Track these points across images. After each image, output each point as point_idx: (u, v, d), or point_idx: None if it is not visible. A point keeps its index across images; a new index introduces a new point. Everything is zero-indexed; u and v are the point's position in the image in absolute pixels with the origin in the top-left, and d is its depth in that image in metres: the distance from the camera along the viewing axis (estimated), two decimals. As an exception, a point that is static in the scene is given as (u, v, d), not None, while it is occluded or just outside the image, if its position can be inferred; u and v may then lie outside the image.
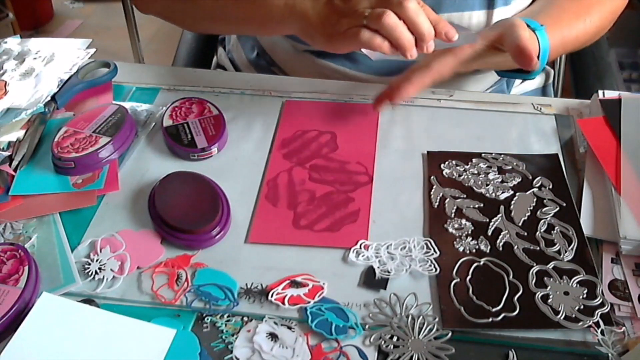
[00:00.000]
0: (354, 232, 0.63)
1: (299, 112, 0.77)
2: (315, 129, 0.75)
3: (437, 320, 0.55)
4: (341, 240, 0.62)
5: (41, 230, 0.64)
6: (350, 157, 0.71)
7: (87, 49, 0.85)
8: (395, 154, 0.72)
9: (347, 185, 0.68)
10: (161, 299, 0.57)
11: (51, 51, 0.85)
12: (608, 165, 0.66)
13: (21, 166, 0.70)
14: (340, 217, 0.64)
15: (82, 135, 0.71)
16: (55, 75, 0.80)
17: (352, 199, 0.66)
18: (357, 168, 0.70)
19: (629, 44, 1.68)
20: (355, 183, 0.68)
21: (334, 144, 0.73)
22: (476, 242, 0.61)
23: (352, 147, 0.73)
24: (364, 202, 0.66)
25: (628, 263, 0.59)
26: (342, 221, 0.64)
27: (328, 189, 0.67)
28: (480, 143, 0.73)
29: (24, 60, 0.84)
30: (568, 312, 0.55)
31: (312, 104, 0.79)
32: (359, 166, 0.70)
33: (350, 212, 0.65)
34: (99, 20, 2.74)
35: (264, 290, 0.57)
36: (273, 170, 0.70)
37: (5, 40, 0.89)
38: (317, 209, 0.65)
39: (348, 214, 0.65)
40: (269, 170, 0.70)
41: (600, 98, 0.74)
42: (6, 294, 0.55)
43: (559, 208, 0.64)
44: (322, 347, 0.53)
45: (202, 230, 0.61)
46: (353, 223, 0.64)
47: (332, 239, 0.62)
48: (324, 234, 0.63)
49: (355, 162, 0.70)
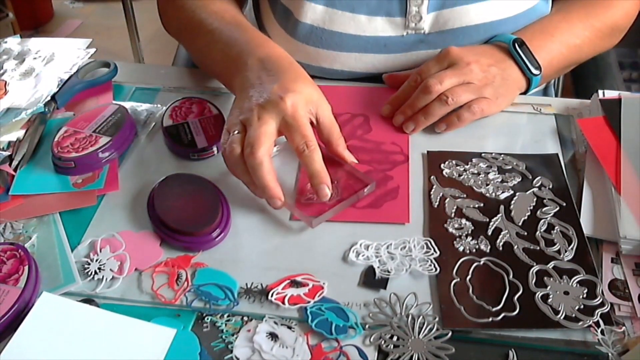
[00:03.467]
0: (396, 208, 0.64)
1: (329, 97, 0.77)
2: (347, 112, 0.76)
3: (437, 320, 0.55)
4: (385, 216, 0.64)
5: (41, 230, 0.64)
6: (385, 138, 0.73)
7: (87, 49, 0.85)
8: (395, 153, 0.72)
9: (385, 164, 0.69)
10: (161, 299, 0.57)
11: (51, 51, 0.85)
12: (608, 165, 0.66)
13: (21, 166, 0.70)
14: (381, 194, 0.66)
15: (82, 135, 0.71)
16: (55, 75, 0.80)
17: (390, 177, 0.68)
18: (393, 148, 0.71)
19: (629, 44, 1.68)
20: (393, 162, 0.70)
21: (367, 125, 0.75)
22: (476, 242, 0.61)
23: (386, 128, 0.74)
24: (403, 180, 0.67)
25: (628, 263, 0.59)
26: (384, 198, 0.65)
27: (366, 168, 0.69)
28: (480, 143, 0.73)
29: (24, 60, 0.85)
30: (568, 311, 0.55)
31: (342, 88, 0.80)
32: (394, 146, 0.71)
33: (390, 190, 0.66)
34: (99, 20, 2.75)
35: (264, 290, 0.57)
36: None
37: (5, 40, 0.89)
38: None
39: (388, 191, 0.66)
40: None
41: (600, 98, 0.74)
42: (6, 293, 0.55)
43: (559, 208, 0.64)
44: (322, 346, 0.53)
45: (202, 232, 0.61)
46: (394, 200, 0.65)
47: (375, 215, 0.64)
48: (367, 210, 0.64)
49: (390, 143, 0.72)
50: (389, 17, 0.78)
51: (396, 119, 0.74)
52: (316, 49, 0.81)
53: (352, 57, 0.81)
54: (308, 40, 0.81)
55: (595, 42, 0.81)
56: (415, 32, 0.79)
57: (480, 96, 0.72)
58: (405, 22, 0.78)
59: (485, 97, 0.72)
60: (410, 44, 0.80)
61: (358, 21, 0.78)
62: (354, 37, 0.79)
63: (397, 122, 0.74)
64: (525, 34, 0.76)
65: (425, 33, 0.79)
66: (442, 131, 0.73)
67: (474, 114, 0.71)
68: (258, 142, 0.60)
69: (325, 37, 0.80)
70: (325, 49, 0.80)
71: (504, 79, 0.73)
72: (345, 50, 0.80)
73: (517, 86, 0.75)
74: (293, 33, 0.81)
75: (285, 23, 0.82)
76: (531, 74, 0.74)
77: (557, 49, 0.77)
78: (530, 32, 0.77)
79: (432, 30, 0.79)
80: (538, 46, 0.75)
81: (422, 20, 0.78)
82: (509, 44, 0.75)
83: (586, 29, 0.79)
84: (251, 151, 0.59)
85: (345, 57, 0.81)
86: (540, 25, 0.79)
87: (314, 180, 0.61)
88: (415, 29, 0.79)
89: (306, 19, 0.79)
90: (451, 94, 0.70)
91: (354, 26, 0.78)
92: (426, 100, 0.71)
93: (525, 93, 0.77)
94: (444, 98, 0.70)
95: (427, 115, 0.72)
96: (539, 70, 0.74)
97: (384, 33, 0.79)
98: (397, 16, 0.78)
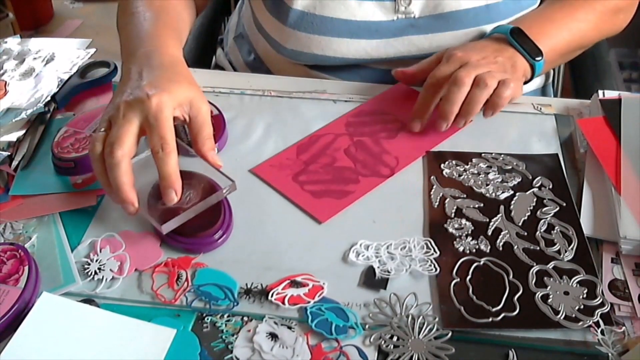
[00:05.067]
0: (329, 208, 0.64)
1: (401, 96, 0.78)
2: (394, 113, 0.76)
3: (437, 320, 0.55)
4: (314, 209, 0.64)
5: (41, 230, 0.64)
6: (395, 150, 0.71)
7: (87, 49, 0.85)
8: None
9: (366, 170, 0.69)
10: (161, 299, 0.57)
11: (51, 51, 0.85)
12: (608, 165, 0.66)
13: (21, 166, 0.70)
14: (333, 190, 0.66)
15: (82, 135, 0.71)
16: (55, 75, 0.80)
17: (357, 181, 0.67)
18: (390, 161, 0.70)
19: (629, 44, 1.68)
20: (375, 172, 0.69)
21: (395, 132, 0.74)
22: (476, 242, 0.61)
23: (406, 143, 0.72)
24: (361, 191, 0.66)
25: (628, 263, 0.59)
26: (330, 194, 0.66)
27: (348, 164, 0.69)
28: (480, 143, 0.73)
29: (24, 60, 0.85)
30: (568, 312, 0.55)
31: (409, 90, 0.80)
32: (392, 160, 0.70)
33: (343, 191, 0.66)
34: (99, 20, 2.74)
35: (264, 290, 0.57)
36: (328, 128, 0.74)
37: (5, 40, 0.89)
38: (324, 174, 0.67)
39: (339, 191, 0.66)
40: (326, 127, 0.74)
41: (600, 98, 0.74)
42: (6, 294, 0.55)
43: (559, 208, 0.64)
44: (322, 346, 0.53)
45: (204, 234, 0.61)
46: (336, 200, 0.65)
47: (308, 204, 0.64)
48: (307, 195, 0.65)
49: (394, 156, 0.71)
50: (378, 0, 0.78)
51: (439, 124, 0.71)
52: (307, 35, 0.81)
53: (344, 42, 0.81)
54: (299, 26, 0.81)
55: (599, 25, 0.80)
56: (405, 17, 0.79)
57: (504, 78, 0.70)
58: (395, 5, 0.78)
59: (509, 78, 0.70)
60: (402, 29, 0.80)
61: (348, 6, 0.78)
62: (345, 22, 0.79)
63: (442, 128, 0.71)
64: (524, 23, 0.76)
65: (415, 17, 0.79)
66: (489, 117, 0.70)
67: (509, 87, 0.69)
68: (118, 141, 0.58)
69: (316, 23, 0.80)
70: (316, 35, 0.80)
71: (512, 65, 0.73)
72: (337, 35, 0.80)
73: (523, 72, 0.75)
74: (284, 20, 0.81)
75: (276, 11, 0.83)
76: (533, 60, 0.74)
77: (559, 34, 0.77)
78: (529, 20, 0.77)
79: (423, 15, 0.79)
80: (538, 32, 0.75)
81: (412, 3, 0.78)
82: (507, 34, 0.75)
83: (588, 12, 0.79)
84: (110, 150, 0.58)
85: (337, 43, 0.81)
86: (540, 13, 0.80)
87: (163, 182, 0.58)
88: (405, 12, 0.79)
89: (297, 5, 0.79)
90: (484, 77, 0.69)
91: (344, 11, 0.79)
92: (462, 92, 0.69)
93: (530, 79, 0.76)
94: (481, 82, 0.68)
95: (472, 105, 0.69)
96: (540, 56, 0.74)
97: (375, 17, 0.79)
98: (387, 0, 0.78)
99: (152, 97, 0.60)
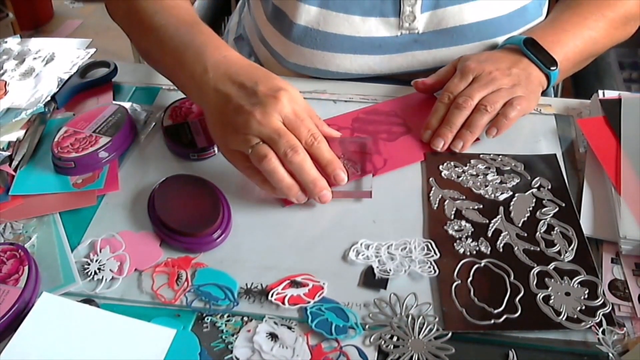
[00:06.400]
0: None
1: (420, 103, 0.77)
2: (404, 118, 0.75)
3: (437, 320, 0.55)
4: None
5: (41, 230, 0.64)
6: (387, 153, 0.71)
7: (87, 49, 0.85)
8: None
9: (350, 163, 0.68)
10: (161, 299, 0.57)
11: (51, 51, 0.85)
12: (608, 165, 0.66)
13: (21, 166, 0.70)
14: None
15: (82, 135, 0.71)
16: (55, 75, 0.80)
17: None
18: (378, 162, 0.70)
19: (629, 44, 1.68)
20: (353, 168, 0.68)
21: (397, 136, 0.73)
22: (476, 244, 0.61)
23: (402, 148, 0.72)
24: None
25: (628, 263, 0.59)
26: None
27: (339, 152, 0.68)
28: (479, 144, 0.73)
29: (24, 60, 0.85)
30: (570, 312, 0.55)
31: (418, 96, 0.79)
32: (380, 162, 0.70)
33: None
34: (99, 20, 2.74)
35: (264, 290, 0.57)
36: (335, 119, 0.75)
37: (5, 40, 0.89)
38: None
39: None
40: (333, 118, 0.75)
41: (600, 98, 0.74)
42: (6, 293, 0.55)
43: (559, 208, 0.64)
44: (322, 347, 0.53)
45: (203, 233, 0.61)
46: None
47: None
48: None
49: (384, 158, 0.70)
50: (382, 17, 0.78)
51: (435, 142, 0.71)
52: (311, 51, 0.81)
53: (347, 58, 0.81)
54: (303, 41, 0.81)
55: (611, 33, 0.80)
56: (409, 32, 0.79)
57: (514, 95, 0.71)
58: (399, 22, 0.78)
59: (520, 95, 0.71)
60: (405, 44, 0.80)
61: (352, 22, 0.78)
62: (349, 38, 0.79)
63: (437, 145, 0.70)
64: (537, 33, 0.76)
65: (419, 33, 0.79)
66: (494, 136, 0.70)
67: (516, 108, 0.70)
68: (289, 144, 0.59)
69: (319, 39, 0.80)
70: (320, 50, 0.80)
71: (527, 77, 0.73)
72: (340, 51, 0.80)
73: (539, 83, 0.74)
74: (287, 35, 0.81)
75: (279, 25, 0.82)
76: (548, 70, 0.74)
77: (572, 43, 0.77)
78: (542, 30, 0.77)
79: (426, 30, 0.79)
80: (552, 42, 0.75)
81: (416, 20, 0.78)
82: (520, 45, 0.74)
83: (599, 20, 0.79)
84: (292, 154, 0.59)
85: (340, 58, 0.81)
86: (552, 22, 0.79)
87: (329, 168, 0.62)
88: (409, 29, 0.79)
89: (300, 21, 0.79)
90: (487, 102, 0.69)
91: (348, 27, 0.79)
92: (462, 116, 0.70)
93: (546, 89, 0.76)
94: (482, 108, 0.69)
95: (471, 129, 0.70)
96: (555, 66, 0.74)
97: (378, 33, 0.79)
98: (391, 16, 0.78)
99: (280, 97, 0.61)
